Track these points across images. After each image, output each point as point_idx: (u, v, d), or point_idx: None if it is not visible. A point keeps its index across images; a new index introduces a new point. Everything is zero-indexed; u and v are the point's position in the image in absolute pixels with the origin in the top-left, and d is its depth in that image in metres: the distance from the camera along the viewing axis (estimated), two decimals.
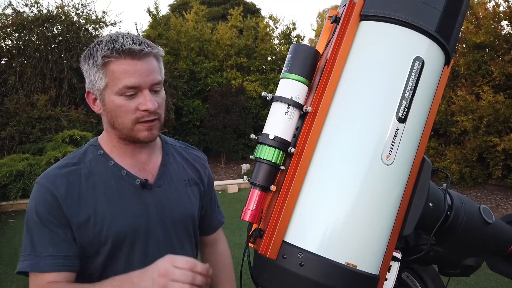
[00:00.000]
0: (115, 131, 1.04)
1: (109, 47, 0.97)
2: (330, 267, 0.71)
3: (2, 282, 3.87)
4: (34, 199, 0.99)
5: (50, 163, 7.00)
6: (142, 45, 0.99)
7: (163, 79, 1.06)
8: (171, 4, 16.47)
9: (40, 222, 0.96)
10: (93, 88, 1.03)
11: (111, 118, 1.02)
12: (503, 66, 6.82)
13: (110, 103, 1.00)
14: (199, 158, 1.26)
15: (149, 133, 1.03)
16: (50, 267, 0.95)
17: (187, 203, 1.14)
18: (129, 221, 1.02)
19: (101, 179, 1.03)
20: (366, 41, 0.79)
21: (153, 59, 1.02)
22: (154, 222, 1.06)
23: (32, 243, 0.97)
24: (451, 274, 1.08)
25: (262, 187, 0.79)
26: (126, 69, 0.97)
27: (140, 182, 1.05)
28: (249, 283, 0.97)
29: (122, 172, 1.05)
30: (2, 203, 6.56)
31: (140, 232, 1.04)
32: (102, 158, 1.06)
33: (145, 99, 0.99)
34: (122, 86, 0.97)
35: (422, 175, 0.88)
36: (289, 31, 11.48)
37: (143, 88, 0.99)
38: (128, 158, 1.08)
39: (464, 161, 7.18)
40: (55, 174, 1.01)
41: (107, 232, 0.99)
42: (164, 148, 1.18)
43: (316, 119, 0.76)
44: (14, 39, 8.93)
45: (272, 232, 0.74)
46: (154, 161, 1.13)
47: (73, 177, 1.01)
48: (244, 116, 9.85)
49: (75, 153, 1.08)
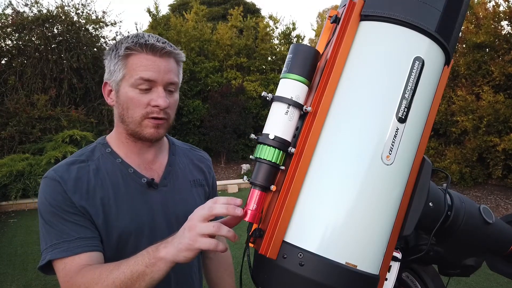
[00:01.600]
0: (124, 126, 1.05)
1: (133, 41, 1.00)
2: (330, 267, 0.71)
3: (2, 282, 3.87)
4: (44, 193, 0.99)
5: (50, 163, 7.01)
6: (166, 44, 1.02)
7: (180, 83, 1.08)
8: (171, 4, 16.49)
9: (57, 211, 0.96)
10: (110, 79, 1.05)
11: (122, 110, 1.03)
12: (503, 66, 6.83)
13: (124, 95, 1.01)
14: (204, 159, 1.28)
15: (155, 131, 1.03)
16: (81, 248, 0.94)
17: (191, 203, 1.14)
18: (135, 219, 1.03)
19: (109, 176, 1.04)
20: (366, 41, 0.79)
21: (173, 61, 1.04)
22: (159, 221, 1.06)
23: (56, 234, 0.96)
24: (451, 274, 1.08)
25: (262, 187, 0.79)
26: (145, 63, 0.99)
27: (146, 181, 1.06)
28: (249, 283, 0.97)
29: (129, 170, 1.06)
30: (2, 203, 6.56)
31: (145, 230, 1.04)
32: (110, 156, 1.07)
33: (158, 95, 1.00)
34: (138, 78, 0.99)
35: (422, 175, 0.88)
36: (289, 31, 11.48)
37: (158, 84, 1.00)
38: (135, 156, 1.09)
39: (464, 161, 7.19)
40: (64, 169, 1.01)
41: (113, 229, 1.00)
42: (171, 148, 1.19)
43: (316, 119, 0.76)
44: (14, 39, 8.94)
45: (272, 232, 0.74)
46: (161, 160, 1.14)
47: (82, 173, 1.02)
48: (244, 116, 9.85)
49: (83, 151, 1.09)
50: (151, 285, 0.86)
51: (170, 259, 0.83)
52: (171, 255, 0.82)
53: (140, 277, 0.85)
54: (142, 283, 0.85)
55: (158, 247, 0.86)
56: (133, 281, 0.85)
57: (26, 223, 5.91)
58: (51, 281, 3.91)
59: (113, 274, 0.87)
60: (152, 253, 0.85)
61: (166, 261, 0.83)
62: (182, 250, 0.81)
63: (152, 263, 0.84)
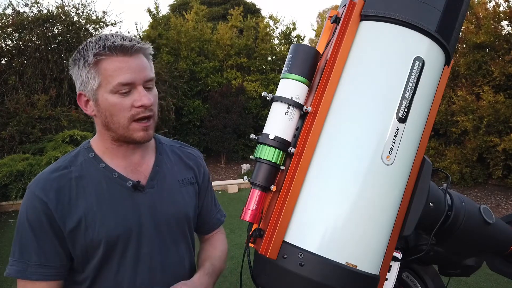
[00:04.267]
0: (109, 132, 1.03)
1: (100, 45, 0.96)
2: (330, 267, 0.71)
3: (3, 282, 3.87)
4: (25, 205, 0.99)
5: (50, 163, 6.95)
6: (133, 41, 0.99)
7: (155, 76, 1.06)
8: (171, 4, 16.47)
9: (30, 229, 0.96)
10: (85, 90, 1.00)
11: (106, 118, 1.00)
12: (503, 66, 6.82)
13: (104, 102, 0.98)
14: (194, 156, 1.24)
15: (145, 134, 1.02)
16: (38, 276, 0.95)
17: (181, 203, 1.12)
18: (121, 223, 1.01)
19: (92, 182, 1.02)
20: (366, 41, 0.79)
21: (143, 57, 1.02)
22: (147, 224, 1.05)
23: (20, 250, 0.97)
24: (451, 274, 1.08)
25: (262, 187, 0.79)
26: (119, 66, 0.96)
27: (132, 184, 1.04)
28: (249, 283, 0.97)
29: (114, 174, 1.04)
30: (2, 203, 6.56)
31: (133, 234, 1.02)
32: (93, 160, 1.05)
33: (140, 95, 0.98)
34: (117, 84, 0.96)
35: (422, 175, 0.88)
36: (289, 31, 11.47)
37: (137, 84, 0.98)
38: (121, 160, 1.06)
39: (464, 161, 7.18)
40: (46, 179, 1.00)
41: (99, 235, 0.98)
42: (157, 147, 1.17)
43: (316, 119, 0.76)
44: (14, 39, 8.94)
45: (272, 232, 0.74)
46: (147, 162, 1.12)
47: (64, 182, 1.00)
48: (244, 116, 9.84)
49: (67, 156, 1.07)
50: None
51: None
52: None
53: None
54: None
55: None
56: None
57: None
58: None
59: None
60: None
61: None
62: None
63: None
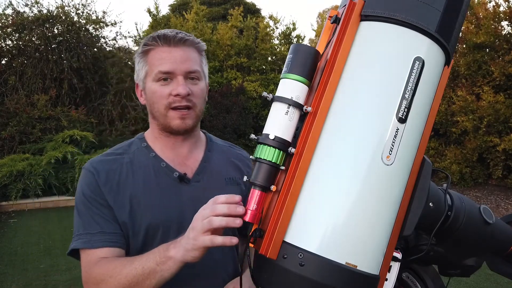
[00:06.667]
0: (155, 121, 1.09)
1: (150, 37, 1.04)
2: (330, 267, 0.71)
3: (2, 282, 3.87)
4: (80, 182, 1.05)
5: (50, 163, 7.01)
6: (180, 34, 1.04)
7: (203, 72, 1.11)
8: (171, 4, 16.46)
9: (88, 202, 1.01)
10: (137, 79, 1.09)
11: (150, 106, 1.07)
12: (503, 66, 6.83)
13: (148, 90, 1.06)
14: (243, 157, 1.27)
15: (181, 122, 1.05)
16: (101, 243, 0.99)
17: None
18: (163, 212, 1.05)
19: (141, 169, 1.07)
20: (366, 41, 0.79)
21: (192, 50, 1.07)
22: (188, 216, 1.06)
23: (83, 224, 1.01)
24: (451, 274, 1.08)
25: (262, 187, 0.79)
26: (162, 56, 1.03)
27: (178, 175, 1.07)
28: None
29: (162, 164, 1.08)
30: (2, 203, 6.57)
31: (173, 224, 1.05)
32: (145, 150, 1.10)
33: (178, 84, 1.02)
34: (157, 72, 1.02)
35: (422, 175, 0.88)
36: (289, 31, 11.48)
37: (177, 74, 1.03)
38: (169, 151, 1.11)
39: (464, 161, 7.19)
40: (99, 160, 1.07)
41: (141, 221, 1.02)
42: (208, 145, 1.20)
43: (316, 119, 0.76)
44: (14, 39, 8.96)
45: (272, 232, 0.74)
46: (195, 156, 1.15)
47: (115, 165, 1.06)
48: (244, 116, 9.84)
49: (121, 145, 1.13)
50: (161, 283, 0.89)
51: (179, 259, 0.85)
52: (180, 255, 0.85)
53: (151, 274, 0.88)
54: (153, 280, 0.88)
55: (168, 246, 0.88)
56: (144, 277, 0.88)
57: (26, 223, 5.91)
58: (51, 281, 3.91)
59: (126, 269, 0.91)
60: (163, 252, 0.88)
61: (176, 260, 0.85)
62: (189, 250, 0.83)
63: (163, 262, 0.87)
